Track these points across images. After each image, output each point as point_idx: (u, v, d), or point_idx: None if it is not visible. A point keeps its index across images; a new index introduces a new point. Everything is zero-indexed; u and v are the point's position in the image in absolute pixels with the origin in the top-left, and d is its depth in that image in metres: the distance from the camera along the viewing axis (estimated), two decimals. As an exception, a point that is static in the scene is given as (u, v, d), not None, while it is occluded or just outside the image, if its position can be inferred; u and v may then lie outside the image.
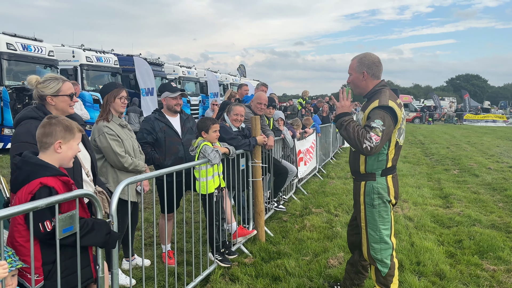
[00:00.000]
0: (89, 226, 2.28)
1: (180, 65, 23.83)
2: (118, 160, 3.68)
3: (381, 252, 3.22)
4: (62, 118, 2.40)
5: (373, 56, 3.27)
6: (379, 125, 2.98)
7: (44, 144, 2.32)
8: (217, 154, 3.98)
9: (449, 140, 18.98)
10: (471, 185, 8.50)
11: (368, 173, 3.21)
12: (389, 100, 3.08)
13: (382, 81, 3.28)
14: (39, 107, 2.93)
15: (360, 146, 3.00)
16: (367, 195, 3.20)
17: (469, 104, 42.83)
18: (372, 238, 3.23)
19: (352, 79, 3.30)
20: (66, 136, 2.36)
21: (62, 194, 2.11)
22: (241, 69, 42.88)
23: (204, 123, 4.22)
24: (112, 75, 16.77)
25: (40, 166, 2.23)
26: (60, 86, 2.94)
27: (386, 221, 3.22)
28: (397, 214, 6.27)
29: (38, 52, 13.34)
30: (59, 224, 2.10)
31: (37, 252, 2.19)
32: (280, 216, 6.24)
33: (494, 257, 4.60)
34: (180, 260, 4.29)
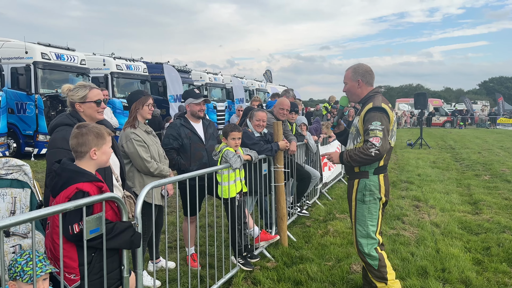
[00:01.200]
0: (114, 231, 2.39)
1: (207, 72, 24.19)
2: (144, 165, 3.82)
3: (367, 246, 3.41)
4: (91, 125, 2.53)
5: (366, 66, 3.57)
6: (377, 126, 3.23)
7: (80, 153, 2.46)
8: (238, 159, 4.05)
9: (481, 145, 18.41)
10: (502, 191, 8.24)
11: (362, 172, 3.42)
12: (381, 103, 3.34)
13: (376, 88, 3.54)
14: (73, 114, 3.07)
15: (371, 157, 3.23)
16: (359, 192, 3.41)
17: (503, 107, 41.37)
18: (359, 233, 3.43)
19: (348, 87, 3.59)
20: (98, 143, 2.49)
21: (88, 198, 2.23)
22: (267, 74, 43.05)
23: (225, 129, 4.31)
24: (141, 82, 17.22)
25: (77, 173, 2.37)
26: (86, 93, 3.06)
27: (374, 217, 3.42)
28: (424, 220, 6.16)
29: (71, 61, 13.87)
30: (87, 225, 2.22)
31: (73, 253, 2.32)
32: (304, 221, 6.25)
33: (524, 265, 4.46)
34: (203, 263, 4.38)
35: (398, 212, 6.57)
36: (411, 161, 12.87)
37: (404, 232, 5.62)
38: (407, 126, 38.21)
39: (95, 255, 2.38)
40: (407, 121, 38.89)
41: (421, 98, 18.29)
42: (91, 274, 2.37)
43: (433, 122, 37.60)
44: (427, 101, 19.72)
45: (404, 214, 6.47)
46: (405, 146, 17.89)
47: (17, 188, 3.56)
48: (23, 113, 12.89)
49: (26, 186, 3.60)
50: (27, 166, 3.61)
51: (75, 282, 2.34)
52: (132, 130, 3.88)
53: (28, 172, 3.58)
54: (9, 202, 3.49)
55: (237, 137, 4.29)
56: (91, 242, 2.29)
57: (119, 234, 2.40)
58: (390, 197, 7.70)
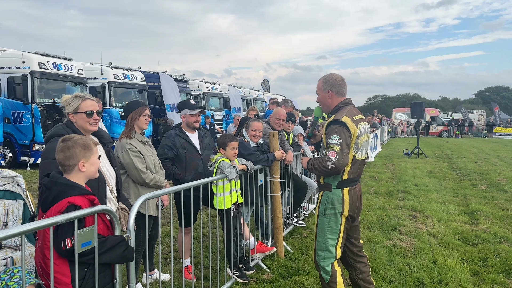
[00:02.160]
0: (106, 245, 2.35)
1: (204, 81, 24.26)
2: (140, 176, 3.79)
3: (324, 260, 3.38)
4: (76, 138, 2.48)
5: (337, 76, 3.53)
6: (336, 140, 3.19)
7: (68, 166, 2.42)
8: (234, 170, 4.04)
9: (478, 154, 18.47)
10: (499, 201, 8.24)
11: (326, 184, 3.38)
12: (344, 115, 3.27)
13: (347, 99, 3.49)
14: (68, 125, 3.01)
15: (327, 170, 3.19)
16: (322, 204, 3.39)
17: (499, 116, 41.58)
18: (319, 245, 3.41)
19: (319, 98, 3.57)
20: (86, 154, 2.45)
21: (80, 210, 2.20)
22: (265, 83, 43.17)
23: (223, 140, 4.30)
24: (138, 91, 17.21)
25: (68, 186, 2.33)
26: (79, 103, 2.99)
27: (335, 231, 3.36)
28: (421, 230, 6.14)
29: (68, 71, 13.88)
30: (78, 238, 2.19)
31: (65, 269, 2.28)
32: (300, 231, 6.21)
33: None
34: (198, 275, 4.34)
35: (395, 223, 6.54)
36: (408, 170, 12.87)
37: (401, 242, 5.59)
38: (404, 135, 38.29)
39: (88, 270, 2.34)
40: (404, 130, 38.98)
41: (418, 107, 18.37)
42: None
43: (430, 131, 37.71)
44: (424, 110, 19.82)
45: (401, 225, 6.44)
46: (402, 156, 17.91)
47: (10, 200, 3.53)
48: (19, 122, 12.86)
49: (19, 197, 3.57)
50: (20, 177, 3.58)
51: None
52: (128, 141, 3.86)
53: (21, 183, 3.56)
54: (2, 214, 3.46)
55: (236, 147, 4.30)
56: (83, 257, 2.26)
57: (111, 249, 2.36)
58: (387, 207, 7.71)
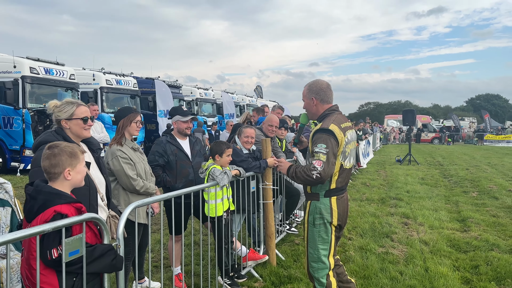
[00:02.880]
0: (94, 254, 2.31)
1: (198, 87, 24.24)
2: (130, 183, 3.75)
3: (318, 271, 3.31)
4: (63, 145, 2.43)
5: (321, 82, 3.47)
6: (322, 149, 3.12)
7: (53, 174, 2.36)
8: (225, 176, 4.01)
9: (469, 161, 18.61)
10: (490, 208, 8.29)
11: (313, 193, 3.32)
12: (331, 123, 3.22)
13: (333, 106, 3.43)
14: (58, 132, 2.97)
15: (312, 179, 3.13)
16: (310, 214, 3.31)
17: (489, 124, 42.01)
18: (311, 256, 3.33)
19: (305, 105, 3.51)
20: (72, 162, 2.40)
21: (68, 219, 2.16)
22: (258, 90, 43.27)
23: (219, 146, 4.25)
24: (131, 97, 17.14)
25: (54, 195, 2.28)
26: (74, 109, 2.96)
27: (326, 241, 3.30)
28: (413, 238, 6.14)
29: (60, 76, 13.79)
30: (66, 247, 2.14)
31: (53, 279, 2.23)
32: (293, 238, 6.19)
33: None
34: (189, 283, 4.29)
35: (387, 230, 6.54)
36: (400, 177, 12.92)
37: (393, 250, 5.58)
38: (396, 142, 38.52)
39: (76, 279, 2.29)
40: (396, 137, 39.22)
41: (410, 114, 18.49)
42: None
43: (421, 138, 37.98)
44: (416, 117, 19.93)
45: (393, 232, 6.45)
46: (394, 162, 17.99)
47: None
48: (9, 127, 12.71)
49: (6, 204, 3.51)
50: (8, 184, 3.53)
51: None
52: (118, 147, 3.82)
53: (9, 190, 3.51)
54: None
55: (230, 154, 4.29)
56: (70, 267, 2.21)
57: (99, 258, 2.32)
58: (379, 214, 7.72)
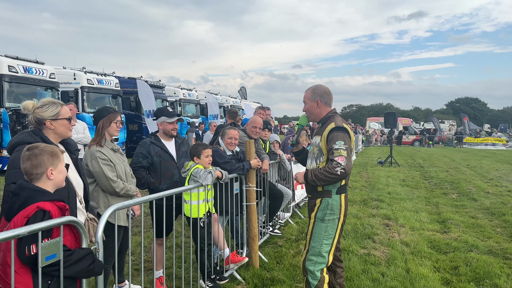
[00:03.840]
0: (72, 259, 2.25)
1: (181, 88, 24.07)
2: (110, 185, 3.68)
3: (315, 265, 3.40)
4: (43, 145, 2.40)
5: (324, 87, 3.65)
6: (341, 145, 3.25)
7: (35, 175, 2.33)
8: (209, 176, 3.96)
9: (449, 164, 18.95)
10: (469, 210, 8.44)
11: (325, 191, 3.42)
12: (342, 123, 3.42)
13: (334, 109, 3.62)
14: (36, 132, 2.89)
15: (337, 176, 3.22)
16: (320, 210, 3.41)
17: (468, 127, 42.93)
18: (312, 250, 3.42)
19: (307, 107, 3.65)
20: (54, 162, 2.38)
21: (45, 222, 2.09)
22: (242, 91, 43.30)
23: (196, 148, 4.23)
24: (113, 97, 16.90)
25: (37, 192, 2.25)
26: (59, 110, 2.94)
27: (330, 237, 3.42)
28: (394, 239, 6.20)
29: (40, 75, 13.49)
30: (42, 251, 2.08)
31: (28, 280, 2.16)
32: (276, 240, 6.18)
33: (491, 285, 4.53)
34: (171, 286, 4.23)
35: (369, 231, 6.59)
36: (381, 179, 13.07)
37: (374, 251, 5.62)
38: (378, 144, 38.97)
39: (52, 283, 2.23)
40: (378, 139, 39.69)
41: (391, 117, 18.75)
42: None
43: (402, 140, 38.52)
44: (397, 120, 20.21)
45: (375, 233, 6.50)
46: (375, 164, 18.19)
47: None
48: (-14, 127, 12.38)
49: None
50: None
51: None
52: (98, 148, 3.74)
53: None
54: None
55: (210, 154, 4.26)
56: (46, 268, 2.14)
57: (76, 262, 2.26)
58: (361, 215, 7.78)
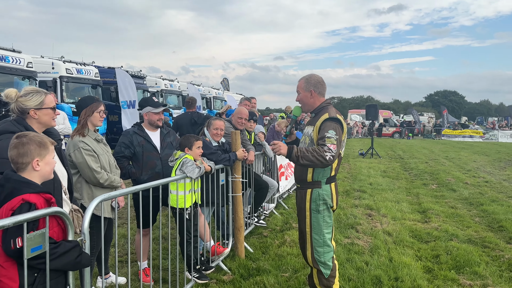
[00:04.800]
0: (58, 251, 2.20)
1: (162, 78, 23.75)
2: (94, 176, 3.61)
3: (324, 255, 3.43)
4: (32, 134, 2.34)
5: (318, 76, 3.61)
6: (333, 135, 3.26)
7: (21, 164, 2.26)
8: (196, 170, 3.93)
9: (428, 155, 19.32)
10: (448, 200, 8.64)
11: (315, 181, 3.43)
12: (336, 114, 3.40)
13: (328, 99, 3.60)
14: (19, 121, 2.84)
15: (324, 160, 3.20)
16: (313, 202, 3.42)
17: (447, 119, 43.80)
18: (316, 242, 3.43)
19: (301, 97, 3.62)
20: (41, 152, 2.31)
21: (30, 213, 2.04)
22: (224, 82, 43.01)
23: (188, 140, 4.17)
24: (92, 87, 16.55)
25: (23, 183, 2.19)
26: (43, 98, 2.89)
27: (329, 225, 3.47)
28: (377, 229, 6.30)
29: (16, 64, 13.08)
30: (28, 243, 2.02)
31: (13, 273, 2.12)
32: (261, 231, 6.20)
33: (471, 272, 4.65)
34: (156, 277, 4.20)
35: (352, 221, 6.68)
36: (363, 170, 13.24)
37: (358, 241, 5.70)
38: (359, 136, 39.45)
39: (38, 275, 2.18)
40: (359, 131, 40.16)
41: (372, 109, 18.96)
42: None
43: (383, 132, 39.09)
44: (378, 112, 20.47)
45: (358, 223, 6.59)
46: (357, 156, 18.41)
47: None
48: (-40, 117, 11.98)
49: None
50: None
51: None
52: (80, 139, 3.66)
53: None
54: None
55: (201, 145, 4.23)
56: (32, 261, 2.10)
57: (63, 255, 2.21)
58: (344, 205, 7.87)
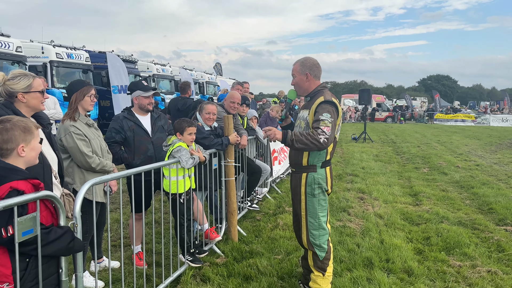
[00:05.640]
0: (50, 237, 2.19)
1: (154, 63, 23.51)
2: (85, 160, 3.59)
3: (319, 238, 3.48)
4: (16, 119, 2.29)
5: (313, 59, 3.57)
6: (327, 118, 3.25)
7: (5, 151, 2.23)
8: (190, 161, 3.90)
9: (420, 139, 19.45)
10: (440, 183, 8.73)
11: (310, 165, 3.45)
12: (331, 97, 3.39)
13: (324, 83, 3.57)
14: (7, 105, 2.80)
15: (318, 143, 3.20)
16: (308, 186, 3.44)
17: (439, 103, 43.99)
18: (311, 225, 3.48)
19: (296, 81, 3.58)
20: (26, 138, 2.27)
21: (21, 196, 2.02)
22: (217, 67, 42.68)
23: (180, 124, 4.13)
24: (83, 72, 16.35)
25: (10, 170, 2.15)
26: (31, 82, 2.87)
27: (324, 208, 3.51)
28: (368, 211, 6.37)
29: (5, 48, 12.84)
30: (18, 226, 2.02)
31: (5, 259, 2.11)
32: (254, 215, 6.24)
33: (460, 253, 4.73)
34: (150, 261, 4.22)
35: (344, 204, 6.74)
36: (355, 154, 13.31)
37: (350, 223, 5.76)
38: (352, 121, 39.54)
39: (30, 261, 2.18)
40: (352, 116, 40.24)
41: (366, 94, 18.97)
42: (26, 282, 2.16)
43: (376, 117, 39.19)
44: (371, 97, 20.46)
45: (350, 206, 6.65)
46: (350, 140, 18.48)
47: None
48: (-51, 102, 11.80)
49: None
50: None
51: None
52: (71, 123, 3.63)
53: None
54: None
55: (194, 132, 4.18)
56: (24, 247, 2.09)
57: (54, 241, 2.20)
58: (336, 189, 7.93)
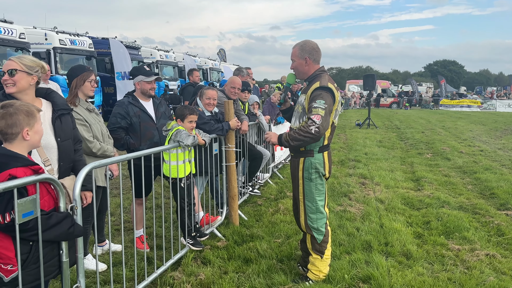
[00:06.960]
0: (49, 223, 2.24)
1: (158, 49, 23.44)
2: (86, 146, 3.63)
3: (317, 221, 3.54)
4: (18, 103, 2.31)
5: (313, 43, 3.54)
6: (321, 104, 3.26)
7: (10, 135, 2.26)
8: (190, 137, 3.91)
9: (425, 125, 19.36)
10: (442, 169, 8.73)
11: (307, 150, 3.48)
12: (328, 82, 3.37)
13: (322, 67, 3.56)
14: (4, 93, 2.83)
15: (311, 135, 3.24)
16: (305, 170, 3.49)
17: (445, 89, 43.59)
18: (309, 209, 3.54)
19: (295, 65, 3.58)
20: (30, 122, 2.30)
21: (20, 179, 2.07)
22: (221, 53, 42.47)
23: (182, 111, 4.13)
24: (87, 58, 16.35)
25: (10, 157, 2.18)
26: None
27: (321, 193, 3.55)
28: (369, 196, 6.40)
29: (8, 35, 12.85)
30: (19, 208, 2.06)
31: (9, 243, 2.17)
32: (255, 200, 6.29)
33: (460, 237, 4.76)
34: (151, 245, 4.29)
35: (345, 189, 6.77)
36: (359, 140, 13.30)
37: (350, 208, 5.80)
38: (357, 107, 39.33)
39: (33, 244, 2.24)
40: (357, 102, 40.01)
41: (370, 79, 18.85)
42: (30, 264, 2.23)
43: (380, 103, 38.96)
44: (376, 82, 20.34)
45: (351, 191, 6.68)
46: (353, 126, 18.43)
47: None
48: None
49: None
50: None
51: (13, 272, 2.20)
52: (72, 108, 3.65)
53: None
54: None
55: (194, 120, 4.18)
56: (24, 233, 2.15)
57: (55, 226, 2.25)
58: (338, 174, 7.96)
